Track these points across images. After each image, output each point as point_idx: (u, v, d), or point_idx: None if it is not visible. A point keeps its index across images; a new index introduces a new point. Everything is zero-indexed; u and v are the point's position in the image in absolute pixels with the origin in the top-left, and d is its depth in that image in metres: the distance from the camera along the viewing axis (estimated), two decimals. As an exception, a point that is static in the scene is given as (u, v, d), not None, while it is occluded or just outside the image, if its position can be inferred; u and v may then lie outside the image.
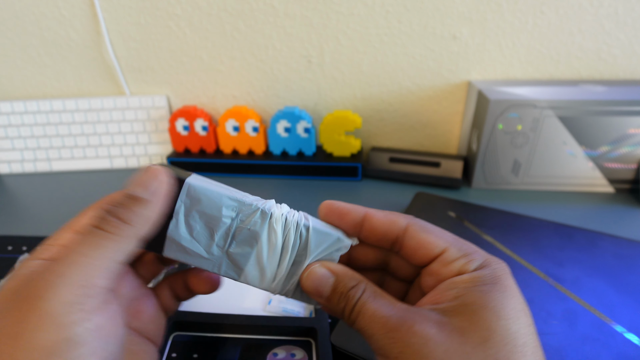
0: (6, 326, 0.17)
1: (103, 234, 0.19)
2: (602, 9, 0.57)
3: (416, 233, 0.23)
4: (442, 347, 0.18)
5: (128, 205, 0.20)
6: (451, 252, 0.22)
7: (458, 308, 0.20)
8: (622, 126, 0.54)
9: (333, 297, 0.22)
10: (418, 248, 0.23)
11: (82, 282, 0.18)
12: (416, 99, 0.65)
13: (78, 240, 0.19)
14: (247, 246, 0.23)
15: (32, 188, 0.64)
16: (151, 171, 0.21)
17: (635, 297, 0.37)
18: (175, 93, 0.68)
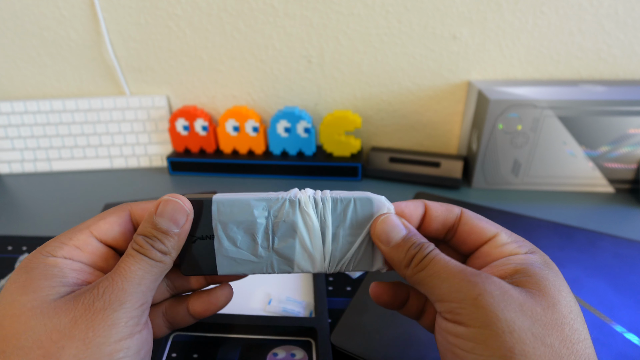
0: (79, 329, 0.19)
1: (151, 261, 0.22)
2: (602, 9, 0.57)
3: (470, 219, 0.25)
4: (517, 300, 0.19)
5: (162, 239, 0.23)
6: (502, 236, 0.24)
7: (521, 278, 0.21)
8: (622, 126, 0.54)
9: (403, 245, 0.23)
10: (471, 232, 0.24)
11: (142, 300, 0.21)
12: (416, 99, 0.65)
13: (135, 262, 0.22)
14: (289, 237, 0.25)
15: (32, 188, 0.64)
16: (176, 205, 0.23)
17: (635, 297, 0.37)
18: (175, 93, 0.68)
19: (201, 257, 0.25)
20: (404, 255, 0.23)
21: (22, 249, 0.48)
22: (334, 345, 0.33)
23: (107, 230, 0.24)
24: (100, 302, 0.20)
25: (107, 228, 0.24)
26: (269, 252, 0.25)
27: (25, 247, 0.48)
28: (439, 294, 0.21)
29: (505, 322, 0.19)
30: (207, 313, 0.27)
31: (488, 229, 0.24)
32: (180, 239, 0.24)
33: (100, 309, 0.20)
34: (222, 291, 0.27)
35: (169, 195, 0.24)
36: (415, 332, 0.34)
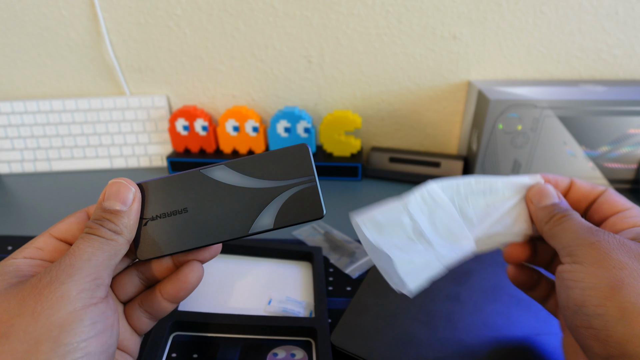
0: (28, 305, 0.19)
1: (102, 239, 0.23)
2: (602, 9, 0.57)
3: (611, 194, 0.27)
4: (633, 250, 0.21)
5: (112, 219, 0.24)
6: (634, 211, 0.26)
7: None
8: (622, 126, 0.54)
9: (550, 208, 0.27)
10: (607, 202, 0.27)
11: (93, 275, 0.21)
12: (416, 99, 0.65)
13: (84, 242, 0.22)
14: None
15: (32, 188, 0.64)
16: (121, 185, 0.25)
17: (635, 297, 0.37)
18: (175, 93, 0.68)
19: (158, 237, 0.25)
20: (548, 214, 0.26)
21: (22, 249, 0.48)
22: (334, 345, 0.33)
23: (66, 229, 0.25)
24: (47, 277, 0.20)
25: (65, 227, 0.25)
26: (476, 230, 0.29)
27: (25, 247, 0.48)
28: (565, 242, 0.24)
29: (617, 261, 0.21)
30: (180, 293, 0.27)
31: (623, 204, 0.26)
32: (131, 217, 0.24)
33: (47, 283, 0.20)
34: (190, 269, 0.27)
35: (113, 179, 0.25)
36: (415, 332, 0.34)
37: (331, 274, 0.43)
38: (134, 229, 0.25)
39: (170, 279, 0.27)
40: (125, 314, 0.27)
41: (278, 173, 0.25)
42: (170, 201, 0.26)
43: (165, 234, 0.25)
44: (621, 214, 0.26)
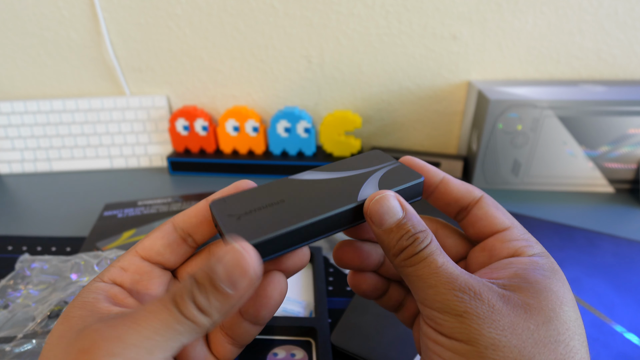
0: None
1: (179, 316, 0.17)
2: (602, 9, 0.57)
3: (487, 206, 0.23)
4: (507, 318, 0.18)
5: (209, 294, 0.18)
6: (514, 231, 0.22)
7: (521, 285, 0.19)
8: (622, 126, 0.54)
9: (396, 232, 0.21)
10: (484, 219, 0.23)
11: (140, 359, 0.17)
12: (416, 99, 0.65)
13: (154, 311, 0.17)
14: None
15: (32, 188, 0.64)
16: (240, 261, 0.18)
17: (635, 297, 0.37)
18: (175, 93, 0.68)
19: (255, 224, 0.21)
20: (395, 243, 0.21)
21: (22, 249, 0.48)
22: (334, 345, 0.33)
23: (150, 246, 0.22)
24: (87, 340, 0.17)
25: (150, 244, 0.22)
26: None
27: (25, 247, 0.48)
28: (424, 299, 0.20)
29: (489, 340, 0.18)
30: (261, 312, 0.22)
31: (501, 220, 0.23)
32: (234, 305, 0.18)
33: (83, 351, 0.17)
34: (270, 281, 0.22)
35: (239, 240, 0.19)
36: (415, 332, 0.34)
37: (331, 274, 0.43)
38: (228, 315, 0.19)
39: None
40: (208, 339, 0.23)
41: (364, 165, 0.25)
42: (264, 198, 0.23)
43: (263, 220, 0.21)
44: (501, 235, 0.22)
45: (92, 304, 0.19)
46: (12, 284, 0.39)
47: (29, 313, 0.35)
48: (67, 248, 0.48)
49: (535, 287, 0.19)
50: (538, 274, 0.20)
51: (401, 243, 0.20)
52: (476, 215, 0.23)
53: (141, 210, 0.53)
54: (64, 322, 0.19)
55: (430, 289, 0.19)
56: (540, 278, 0.19)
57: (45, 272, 0.40)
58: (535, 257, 0.21)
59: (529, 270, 0.20)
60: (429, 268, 0.19)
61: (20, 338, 0.32)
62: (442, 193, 0.24)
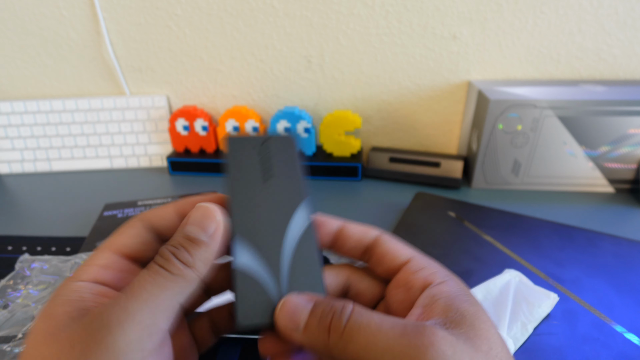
0: (74, 353, 0.17)
1: (168, 275, 0.20)
2: (602, 9, 0.57)
3: (384, 243, 0.24)
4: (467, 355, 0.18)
5: (188, 247, 0.21)
6: (416, 261, 0.23)
7: (457, 319, 0.19)
8: (622, 126, 0.54)
9: (313, 319, 0.20)
10: (386, 254, 0.24)
11: (147, 322, 0.18)
12: (416, 99, 0.65)
13: (148, 277, 0.20)
14: None
15: (32, 188, 0.64)
16: (207, 211, 0.22)
17: (635, 297, 0.37)
18: (175, 93, 0.68)
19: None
20: (318, 330, 0.19)
21: (22, 249, 0.48)
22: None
23: (126, 243, 0.22)
24: (97, 322, 0.18)
25: (125, 241, 0.22)
26: None
27: (25, 247, 0.48)
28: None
29: None
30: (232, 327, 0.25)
31: (402, 252, 0.24)
32: (210, 250, 0.21)
33: (95, 330, 0.18)
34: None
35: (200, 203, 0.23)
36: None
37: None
38: (209, 265, 0.21)
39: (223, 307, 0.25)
40: (192, 324, 0.25)
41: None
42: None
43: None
44: (406, 268, 0.23)
45: (77, 301, 0.19)
46: (12, 284, 0.39)
47: (29, 313, 0.35)
48: (67, 248, 0.48)
49: (468, 317, 0.20)
50: (464, 303, 0.20)
51: (323, 322, 0.19)
52: (378, 253, 0.24)
53: (141, 210, 0.53)
54: (46, 320, 0.19)
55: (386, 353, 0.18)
56: (468, 306, 0.20)
57: (45, 272, 0.40)
58: (447, 283, 0.22)
59: (454, 300, 0.21)
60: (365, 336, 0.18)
61: (19, 338, 0.32)
62: (343, 239, 0.25)
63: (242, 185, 0.25)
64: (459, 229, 0.47)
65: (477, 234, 0.46)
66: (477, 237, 0.45)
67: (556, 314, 0.35)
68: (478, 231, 0.46)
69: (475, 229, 0.47)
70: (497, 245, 0.44)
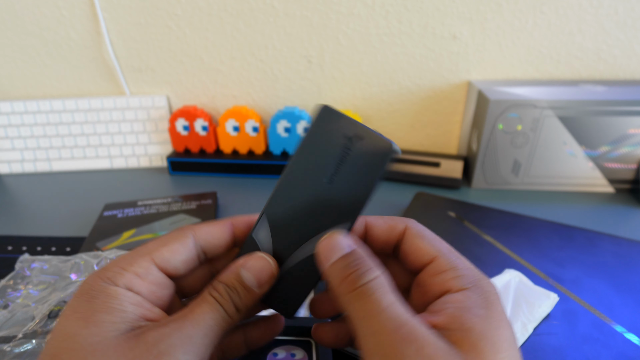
0: None
1: (223, 313, 0.21)
2: (602, 9, 0.57)
3: (411, 238, 0.23)
4: None
5: (241, 293, 0.22)
6: (439, 262, 0.21)
7: (459, 335, 0.18)
8: (622, 126, 0.54)
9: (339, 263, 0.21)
10: (410, 253, 0.23)
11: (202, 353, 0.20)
12: (416, 99, 0.65)
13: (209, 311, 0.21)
14: None
15: (32, 188, 0.64)
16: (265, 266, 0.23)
17: (635, 297, 0.37)
18: (175, 93, 0.68)
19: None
20: (339, 273, 0.20)
21: (22, 249, 0.48)
22: (333, 345, 0.33)
23: (169, 258, 0.22)
24: (163, 345, 0.18)
25: (169, 256, 0.22)
26: None
27: (25, 247, 0.48)
28: (365, 346, 0.18)
29: None
30: (263, 342, 0.26)
31: (425, 251, 0.22)
32: (256, 299, 0.23)
33: (162, 353, 0.18)
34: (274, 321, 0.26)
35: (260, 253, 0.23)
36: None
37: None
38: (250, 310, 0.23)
39: (257, 324, 0.26)
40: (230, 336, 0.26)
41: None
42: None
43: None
44: (428, 269, 0.22)
45: (120, 311, 0.19)
46: (12, 284, 0.39)
47: (29, 313, 0.35)
48: (67, 248, 0.48)
49: (472, 336, 0.18)
50: (473, 317, 0.19)
51: (344, 272, 0.20)
52: (404, 251, 0.23)
53: (141, 210, 0.53)
54: (90, 325, 0.18)
55: (373, 337, 0.18)
56: (476, 323, 0.18)
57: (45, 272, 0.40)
58: (466, 290, 0.20)
59: (463, 312, 0.19)
60: (372, 307, 0.19)
61: (20, 338, 0.32)
62: (372, 240, 0.24)
63: (302, 173, 0.23)
64: (459, 229, 0.47)
65: (477, 234, 0.46)
66: (477, 237, 0.45)
67: (556, 314, 0.35)
68: (478, 231, 0.46)
69: (475, 229, 0.47)
70: (497, 245, 0.44)
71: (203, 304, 0.21)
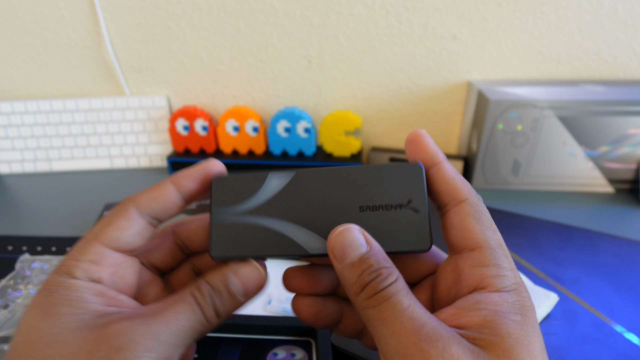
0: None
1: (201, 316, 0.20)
2: (602, 9, 0.57)
3: (465, 215, 0.21)
4: None
5: (226, 301, 0.21)
6: (485, 254, 0.20)
7: (491, 339, 0.18)
8: (622, 126, 0.54)
9: (357, 267, 0.19)
10: (457, 229, 0.21)
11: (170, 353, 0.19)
12: (416, 99, 0.65)
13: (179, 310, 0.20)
14: None
15: (32, 188, 0.64)
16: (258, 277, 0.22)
17: (635, 297, 0.37)
18: (175, 93, 0.68)
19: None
20: (356, 279, 0.19)
21: (22, 249, 0.48)
22: (334, 345, 0.33)
23: (118, 236, 0.21)
24: (124, 338, 0.18)
25: (117, 234, 0.21)
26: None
27: (25, 247, 0.48)
28: (385, 348, 0.18)
29: None
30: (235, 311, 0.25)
31: (473, 236, 0.20)
32: (238, 308, 0.22)
33: (119, 349, 0.17)
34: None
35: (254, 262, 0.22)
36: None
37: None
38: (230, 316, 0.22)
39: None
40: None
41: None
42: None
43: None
44: (470, 256, 0.20)
45: (80, 302, 0.19)
46: (12, 284, 0.39)
47: (29, 313, 0.35)
48: (67, 248, 0.48)
49: (507, 342, 0.17)
50: (509, 322, 0.18)
51: (362, 278, 0.19)
52: (451, 221, 0.21)
53: (141, 210, 0.53)
54: (47, 317, 0.18)
55: (394, 338, 0.17)
56: (512, 329, 0.18)
57: (45, 272, 0.40)
58: (505, 292, 0.19)
59: (499, 317, 0.18)
60: (393, 310, 0.18)
61: (20, 338, 0.32)
62: (431, 181, 0.22)
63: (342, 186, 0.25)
64: (459, 229, 0.47)
65: (477, 234, 0.46)
66: (477, 237, 0.45)
67: (556, 314, 0.35)
68: (478, 231, 0.46)
69: (475, 229, 0.47)
70: (497, 245, 0.44)
71: (181, 302, 0.20)
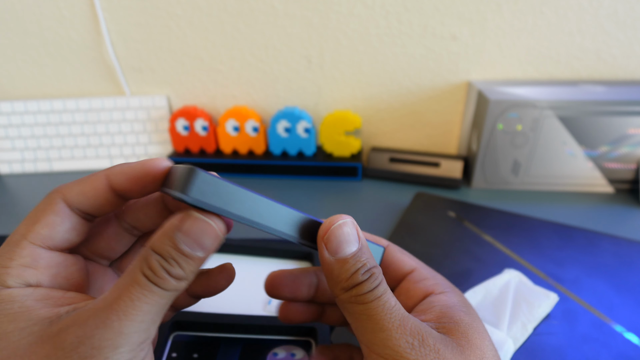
0: None
1: (159, 290, 0.17)
2: (602, 9, 0.57)
3: (393, 252, 0.26)
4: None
5: (181, 262, 0.18)
6: (419, 272, 0.25)
7: (450, 326, 0.21)
8: (622, 126, 0.54)
9: (351, 264, 0.20)
10: (391, 264, 0.25)
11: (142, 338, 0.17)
12: (416, 99, 0.66)
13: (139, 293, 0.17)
14: None
15: (32, 188, 0.64)
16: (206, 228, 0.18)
17: (635, 297, 0.37)
18: (175, 93, 0.68)
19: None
20: (348, 276, 0.20)
21: (22, 249, 0.48)
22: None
23: (49, 233, 0.19)
24: (85, 348, 0.16)
25: (48, 232, 0.19)
26: None
27: (26, 247, 0.48)
28: (372, 343, 0.19)
29: None
30: (208, 295, 0.23)
31: (407, 263, 0.25)
32: (203, 262, 0.19)
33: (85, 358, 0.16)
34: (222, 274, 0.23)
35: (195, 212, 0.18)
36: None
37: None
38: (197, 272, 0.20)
39: (199, 279, 0.23)
40: None
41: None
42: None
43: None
44: (410, 277, 0.25)
45: (23, 313, 0.17)
46: (12, 284, 0.39)
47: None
48: (67, 248, 0.48)
49: (462, 327, 0.21)
50: (460, 312, 0.22)
51: (355, 278, 0.20)
52: (385, 263, 0.26)
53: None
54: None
55: (382, 333, 0.19)
56: (463, 316, 0.21)
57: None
58: (448, 293, 0.23)
59: (451, 309, 0.22)
60: (382, 308, 0.19)
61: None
62: None
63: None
64: (458, 229, 0.47)
65: (477, 234, 0.46)
66: (477, 237, 0.45)
67: (556, 314, 0.35)
68: (478, 231, 0.46)
69: (475, 229, 0.47)
70: (497, 245, 0.44)
71: (133, 285, 0.17)
